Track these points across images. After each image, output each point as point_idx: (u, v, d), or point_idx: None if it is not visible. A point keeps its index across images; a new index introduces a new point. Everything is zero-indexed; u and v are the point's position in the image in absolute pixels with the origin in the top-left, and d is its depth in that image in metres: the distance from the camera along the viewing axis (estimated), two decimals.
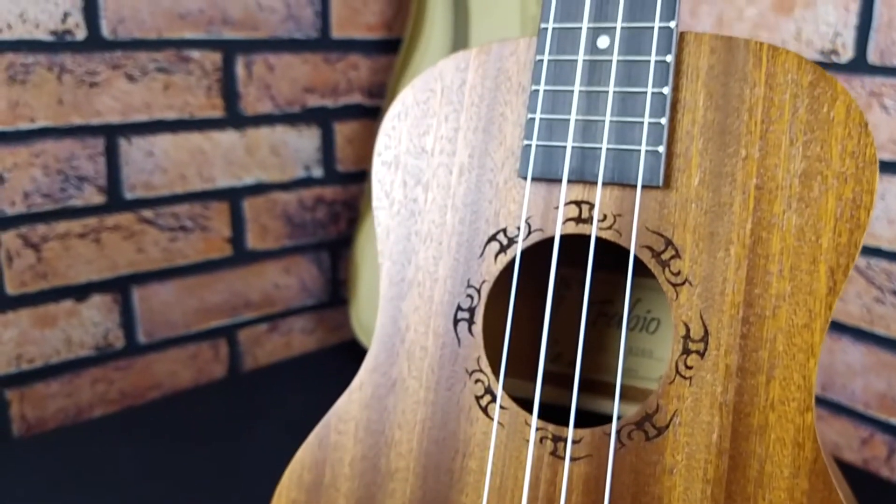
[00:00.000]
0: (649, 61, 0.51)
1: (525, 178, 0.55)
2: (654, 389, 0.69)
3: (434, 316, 0.57)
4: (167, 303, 1.23)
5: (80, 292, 1.15)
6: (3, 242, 1.08)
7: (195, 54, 1.19)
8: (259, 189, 1.29)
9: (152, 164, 1.18)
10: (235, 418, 1.18)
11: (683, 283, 0.51)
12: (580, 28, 0.53)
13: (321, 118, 1.33)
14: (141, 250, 1.19)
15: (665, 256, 0.52)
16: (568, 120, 0.53)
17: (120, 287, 1.18)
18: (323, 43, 1.31)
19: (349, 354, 1.38)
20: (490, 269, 0.56)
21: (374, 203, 0.58)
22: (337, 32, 1.32)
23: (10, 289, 1.10)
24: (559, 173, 0.54)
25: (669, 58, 0.51)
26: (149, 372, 1.23)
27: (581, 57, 0.53)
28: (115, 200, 1.16)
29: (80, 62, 1.10)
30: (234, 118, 1.24)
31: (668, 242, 0.51)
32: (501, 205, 0.55)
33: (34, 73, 1.07)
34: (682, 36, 0.52)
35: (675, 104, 0.52)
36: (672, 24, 0.51)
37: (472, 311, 0.56)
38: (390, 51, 1.39)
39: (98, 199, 1.14)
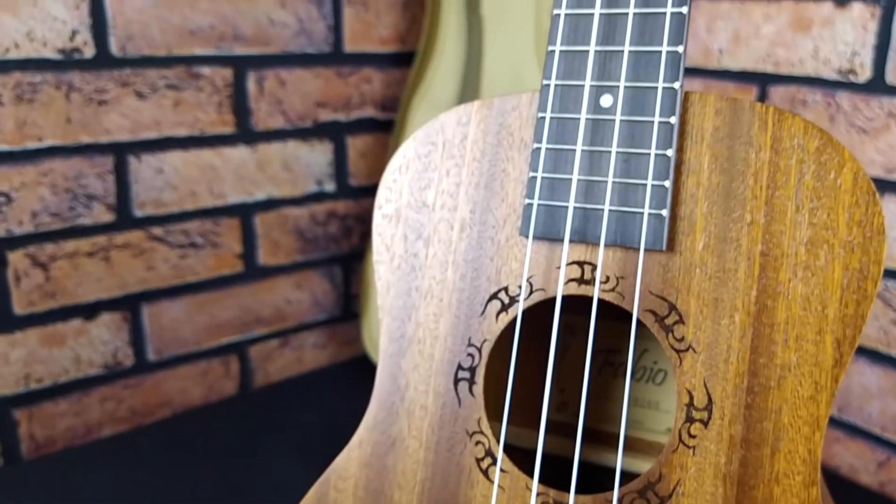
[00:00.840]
0: (653, 122, 0.50)
1: (527, 237, 0.54)
2: (660, 442, 0.68)
3: (434, 374, 0.56)
4: (177, 320, 1.24)
5: (89, 311, 1.16)
6: (10, 262, 1.08)
7: (206, 70, 1.19)
8: (270, 204, 1.29)
9: (162, 181, 1.18)
10: (245, 437, 1.18)
11: (687, 350, 0.51)
12: (583, 86, 0.52)
13: (333, 132, 1.33)
14: (151, 268, 1.19)
15: (669, 321, 0.51)
16: (570, 179, 0.53)
17: (129, 305, 1.19)
18: (335, 57, 1.30)
19: (361, 369, 1.38)
20: (491, 327, 0.55)
21: (375, 257, 0.58)
22: (350, 46, 1.31)
23: (18, 308, 1.10)
24: (561, 233, 0.53)
25: (673, 119, 0.50)
26: (158, 389, 1.24)
27: (584, 115, 0.52)
28: (125, 218, 1.16)
29: (89, 80, 1.10)
30: (246, 134, 1.24)
31: (672, 307, 0.51)
32: (503, 263, 0.55)
33: (42, 91, 1.07)
34: (686, 96, 0.51)
35: (679, 166, 0.51)
36: (676, 85, 0.50)
37: (472, 370, 0.56)
38: (404, 64, 1.38)
39: (107, 217, 1.15)
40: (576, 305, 0.64)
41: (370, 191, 1.39)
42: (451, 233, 0.56)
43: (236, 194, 1.25)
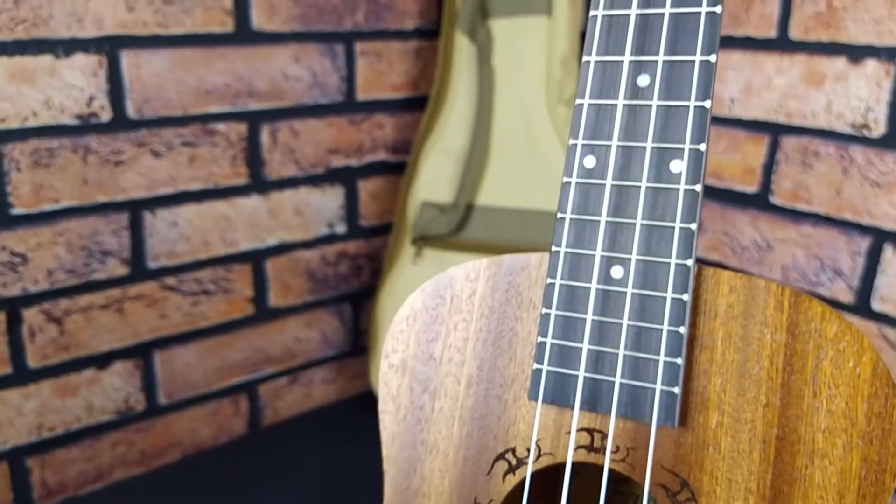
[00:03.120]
0: (665, 297, 0.47)
1: (536, 401, 0.51)
2: None
3: None
4: (188, 364, 1.21)
5: (102, 360, 1.13)
6: (25, 319, 1.05)
7: (221, 127, 1.15)
8: (282, 249, 1.26)
9: (176, 233, 1.15)
10: (254, 479, 1.16)
11: None
12: (594, 255, 0.49)
13: (345, 177, 1.29)
14: (163, 316, 1.16)
15: (681, 498, 0.48)
16: (580, 348, 0.49)
17: (142, 352, 1.16)
18: (348, 105, 1.26)
19: (368, 404, 1.35)
20: (498, 487, 0.52)
21: (381, 406, 0.55)
22: (362, 94, 1.28)
23: (32, 362, 1.07)
24: (571, 401, 0.50)
25: (686, 297, 0.46)
26: (169, 431, 1.21)
27: (594, 285, 0.49)
28: (139, 271, 1.13)
29: (106, 142, 1.06)
30: (259, 184, 1.20)
31: (684, 483, 0.47)
32: (510, 423, 0.51)
33: (59, 156, 1.03)
34: (699, 271, 0.48)
35: (692, 341, 0.48)
36: (689, 262, 0.46)
37: None
38: (415, 108, 1.34)
39: (121, 270, 1.11)
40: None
41: (381, 230, 1.36)
42: (458, 388, 0.53)
43: (248, 241, 1.22)
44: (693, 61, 0.47)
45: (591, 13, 0.50)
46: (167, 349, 1.18)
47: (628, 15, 0.49)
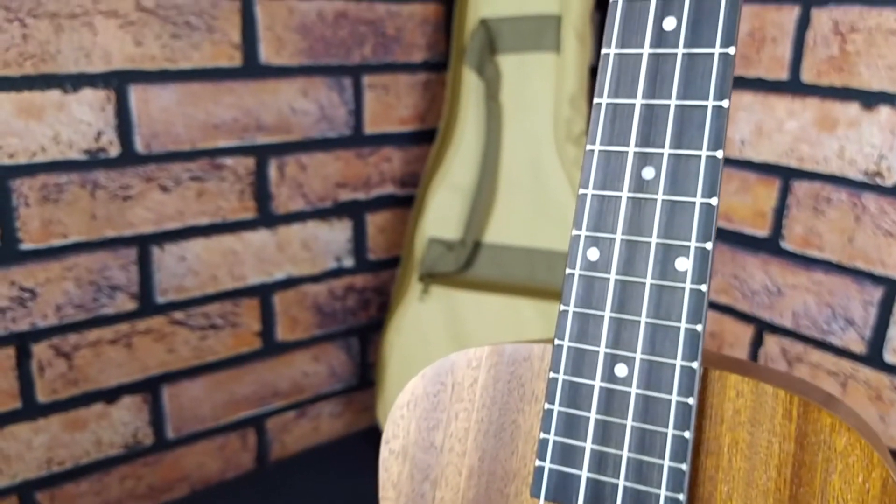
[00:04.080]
0: (670, 400, 0.45)
1: (538, 498, 0.49)
2: None
3: None
4: (196, 398, 1.19)
5: (111, 395, 1.12)
6: (34, 354, 1.04)
7: (228, 161, 1.14)
8: (289, 283, 1.24)
9: (184, 268, 1.13)
10: None
11: None
12: (597, 351, 0.47)
13: (353, 211, 1.28)
14: (171, 350, 1.15)
15: None
16: (583, 447, 0.47)
17: (150, 387, 1.15)
18: (356, 139, 1.25)
19: (375, 439, 1.34)
20: None
21: (381, 493, 0.53)
22: (370, 128, 1.26)
23: (41, 397, 1.06)
24: (573, 501, 0.48)
25: (691, 400, 0.45)
26: (177, 465, 1.20)
27: (598, 382, 0.47)
28: (147, 305, 1.12)
29: (114, 178, 1.05)
30: (267, 218, 1.19)
31: None
32: None
33: (67, 191, 1.02)
34: (705, 373, 0.46)
35: (698, 446, 0.46)
36: (694, 365, 0.45)
37: None
38: (423, 141, 1.33)
39: (130, 305, 1.10)
40: None
41: (389, 263, 1.34)
42: (459, 479, 0.51)
43: (256, 275, 1.20)
44: (699, 156, 0.45)
45: (596, 101, 0.48)
46: (175, 383, 1.17)
47: (633, 105, 0.47)
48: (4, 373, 1.02)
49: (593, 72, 1.27)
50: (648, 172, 0.46)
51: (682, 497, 0.45)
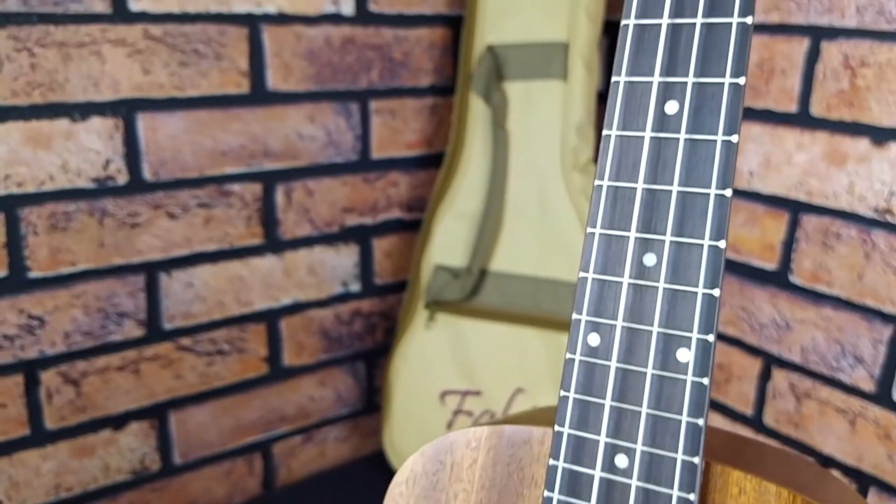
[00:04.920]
0: (671, 495, 0.44)
1: None
2: None
3: None
4: (203, 424, 1.19)
5: (118, 421, 1.12)
6: (42, 381, 1.04)
7: (236, 188, 1.13)
8: (296, 308, 1.24)
9: (192, 294, 1.13)
10: None
11: None
12: (598, 440, 0.46)
13: (359, 235, 1.27)
14: (178, 376, 1.15)
15: None
16: None
17: (157, 413, 1.15)
18: (363, 164, 1.24)
19: (381, 464, 1.33)
20: None
21: None
22: (377, 153, 1.25)
23: (49, 423, 1.06)
24: None
25: (693, 497, 0.44)
26: (184, 491, 1.20)
27: (598, 472, 0.46)
28: (155, 332, 1.11)
29: (122, 205, 1.05)
30: (273, 244, 1.19)
31: None
32: None
33: (75, 219, 1.02)
34: (707, 467, 0.45)
35: None
36: (696, 460, 0.44)
37: None
38: (430, 165, 1.32)
39: (137, 332, 1.10)
40: None
41: (396, 288, 1.34)
42: None
43: (263, 301, 1.20)
44: (701, 245, 0.44)
45: (596, 183, 0.47)
46: (182, 409, 1.17)
47: (635, 189, 0.46)
48: (13, 400, 1.02)
49: (601, 97, 1.26)
50: (650, 259, 0.45)
51: None
